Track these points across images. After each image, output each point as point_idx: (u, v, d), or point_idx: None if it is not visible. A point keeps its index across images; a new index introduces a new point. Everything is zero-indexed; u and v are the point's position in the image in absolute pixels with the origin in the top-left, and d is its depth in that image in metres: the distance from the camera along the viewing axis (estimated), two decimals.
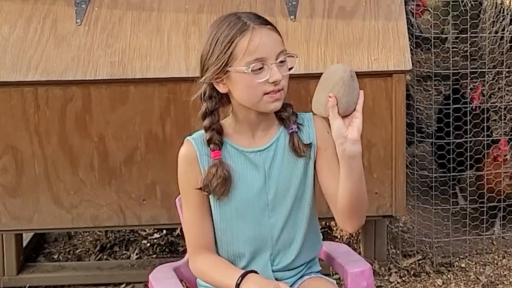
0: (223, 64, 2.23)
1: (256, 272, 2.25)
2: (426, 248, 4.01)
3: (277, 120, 2.38)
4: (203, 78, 2.29)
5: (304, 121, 2.40)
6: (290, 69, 2.28)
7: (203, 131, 2.35)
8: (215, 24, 2.29)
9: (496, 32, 5.63)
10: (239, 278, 2.22)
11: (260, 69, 2.22)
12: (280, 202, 2.34)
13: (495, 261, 3.92)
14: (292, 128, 2.35)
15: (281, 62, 2.25)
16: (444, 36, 5.52)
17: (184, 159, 2.34)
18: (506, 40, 5.66)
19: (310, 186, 2.38)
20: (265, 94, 2.24)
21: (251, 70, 2.20)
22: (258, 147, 2.34)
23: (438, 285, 3.74)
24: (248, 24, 2.22)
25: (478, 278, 3.79)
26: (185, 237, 2.41)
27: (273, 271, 2.36)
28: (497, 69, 4.55)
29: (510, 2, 5.66)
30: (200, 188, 2.29)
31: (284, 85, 2.26)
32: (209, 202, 2.34)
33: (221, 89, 2.29)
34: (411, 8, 4.93)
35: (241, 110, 2.31)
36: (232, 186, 2.31)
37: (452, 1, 4.74)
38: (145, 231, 4.18)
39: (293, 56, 2.30)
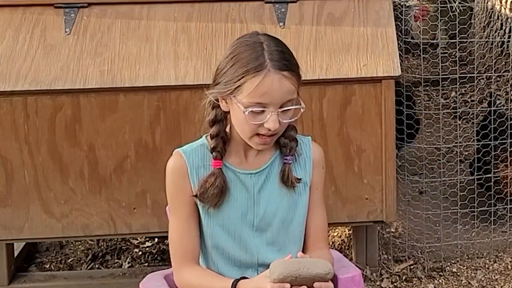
0: (229, 91, 2.20)
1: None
2: (418, 253, 4.02)
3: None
4: (210, 91, 2.26)
5: (302, 149, 2.37)
6: (293, 117, 2.23)
7: (196, 142, 2.35)
8: (239, 44, 2.23)
9: (487, 37, 5.66)
10: (234, 281, 2.20)
11: (259, 112, 2.17)
12: (266, 225, 2.32)
13: (487, 266, 3.92)
14: (286, 159, 2.32)
15: (285, 110, 2.20)
16: (434, 41, 5.54)
17: (173, 170, 2.31)
18: (497, 45, 5.69)
19: (302, 213, 2.36)
20: (256, 134, 2.21)
21: (250, 111, 2.16)
22: (250, 170, 2.32)
23: None
24: (266, 65, 2.15)
25: (469, 282, 3.79)
26: (171, 249, 2.37)
27: None
28: (487, 74, 4.56)
29: (500, 7, 5.69)
30: (196, 196, 2.27)
31: (279, 131, 2.23)
32: (198, 216, 2.33)
33: (223, 107, 2.26)
34: (415, 12, 4.97)
35: (236, 131, 2.28)
36: (224, 201, 2.31)
37: (442, 7, 4.76)
38: (136, 239, 4.18)
39: (299, 107, 2.23)
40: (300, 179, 2.33)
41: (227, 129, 2.31)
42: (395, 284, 3.79)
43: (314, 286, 2.09)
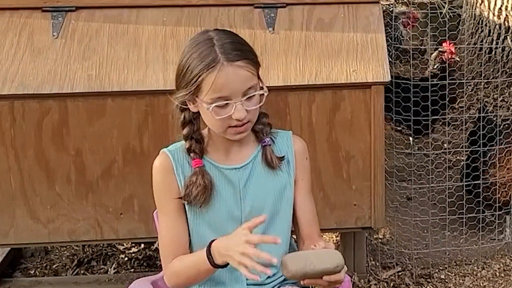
0: (191, 93, 2.24)
1: None
2: (406, 260, 4.01)
3: (253, 135, 2.37)
4: (175, 97, 2.31)
5: (279, 138, 2.40)
6: (259, 103, 2.27)
7: (180, 142, 2.36)
8: (190, 46, 2.27)
9: (475, 44, 5.67)
10: (208, 244, 2.21)
11: (224, 105, 2.21)
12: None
13: (475, 272, 3.92)
14: (265, 142, 2.35)
15: (249, 97, 2.23)
16: (423, 47, 5.54)
17: (160, 169, 2.35)
18: (485, 52, 5.70)
19: (288, 206, 2.38)
20: (229, 127, 2.24)
21: (214, 106, 2.19)
22: (234, 165, 2.34)
23: None
24: (218, 59, 2.19)
25: None
26: (160, 248, 2.39)
27: (247, 285, 2.36)
28: (475, 80, 4.56)
29: (488, 14, 5.70)
30: (181, 198, 2.29)
31: (250, 118, 2.25)
32: (186, 214, 2.33)
33: (192, 108, 2.31)
34: (402, 20, 4.98)
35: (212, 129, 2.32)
36: (211, 199, 2.31)
37: (431, 13, 4.76)
38: (122, 245, 4.15)
39: (262, 92, 2.27)
40: (283, 156, 2.36)
41: (205, 129, 2.35)
42: None
43: (323, 279, 2.11)
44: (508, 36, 5.72)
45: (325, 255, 2.13)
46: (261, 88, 2.27)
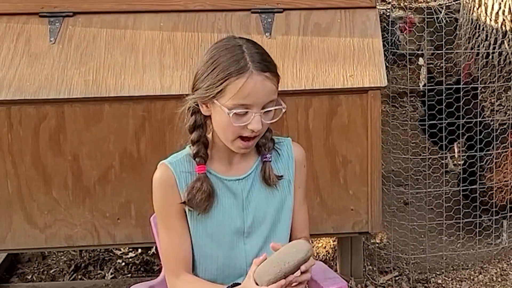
0: (211, 96, 2.21)
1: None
2: (403, 265, 4.01)
3: (254, 147, 2.36)
4: (190, 97, 2.27)
5: (282, 149, 2.39)
6: (275, 118, 2.25)
7: (181, 152, 2.34)
8: (218, 48, 2.24)
9: (472, 48, 5.68)
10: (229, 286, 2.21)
11: (243, 114, 2.19)
12: (256, 229, 2.34)
13: (472, 277, 3.92)
14: (266, 157, 2.34)
15: (267, 111, 2.22)
16: (420, 52, 5.55)
17: (161, 182, 2.31)
18: (482, 56, 5.71)
19: (288, 215, 2.38)
20: (239, 136, 2.22)
21: (234, 113, 2.17)
22: (237, 176, 2.33)
23: None
24: (248, 67, 2.17)
25: None
26: (163, 260, 2.38)
27: None
28: (472, 85, 4.57)
29: (485, 19, 5.71)
30: (184, 202, 2.27)
31: (261, 133, 2.25)
32: (188, 225, 2.32)
33: (204, 111, 2.27)
34: (399, 25, 4.99)
35: (218, 137, 2.30)
36: (212, 206, 2.30)
37: (428, 18, 4.77)
38: (120, 250, 4.15)
39: (280, 108, 2.25)
40: (281, 176, 2.35)
41: (209, 136, 2.33)
42: None
43: (300, 270, 2.12)
44: (505, 41, 5.74)
45: (291, 248, 2.14)
46: (279, 104, 2.25)
